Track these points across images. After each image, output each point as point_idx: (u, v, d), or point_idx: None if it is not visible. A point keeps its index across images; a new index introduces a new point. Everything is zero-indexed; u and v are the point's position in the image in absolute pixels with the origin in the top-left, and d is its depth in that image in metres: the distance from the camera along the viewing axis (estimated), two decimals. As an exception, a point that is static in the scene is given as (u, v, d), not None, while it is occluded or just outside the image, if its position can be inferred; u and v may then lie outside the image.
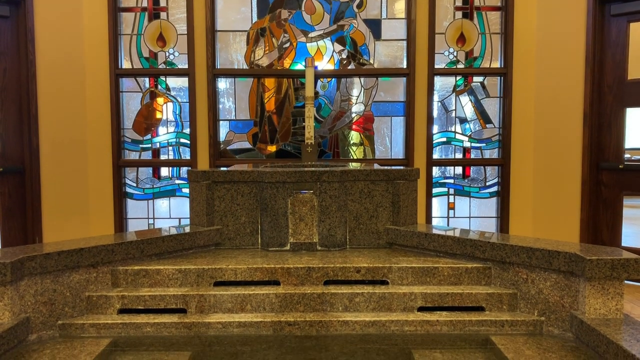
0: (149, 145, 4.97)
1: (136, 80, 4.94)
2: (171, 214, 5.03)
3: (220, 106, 4.97)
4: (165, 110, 4.97)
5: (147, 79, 4.95)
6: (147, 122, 4.96)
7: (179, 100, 4.95)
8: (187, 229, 3.20)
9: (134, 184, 4.99)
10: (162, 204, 5.04)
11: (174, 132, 4.96)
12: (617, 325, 2.25)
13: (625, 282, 2.41)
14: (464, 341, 2.55)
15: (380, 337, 2.59)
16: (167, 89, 4.94)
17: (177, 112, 4.96)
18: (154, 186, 5.00)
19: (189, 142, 4.92)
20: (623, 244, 4.65)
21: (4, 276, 2.31)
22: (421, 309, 2.70)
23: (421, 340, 2.57)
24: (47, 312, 2.53)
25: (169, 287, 2.79)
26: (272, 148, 5.01)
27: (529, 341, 2.43)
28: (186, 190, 4.96)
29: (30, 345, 2.40)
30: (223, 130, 4.98)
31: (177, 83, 4.96)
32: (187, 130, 4.93)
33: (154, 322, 2.60)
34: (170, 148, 4.98)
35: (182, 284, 2.80)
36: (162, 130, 4.99)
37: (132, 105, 4.96)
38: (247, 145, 5.00)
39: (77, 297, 2.65)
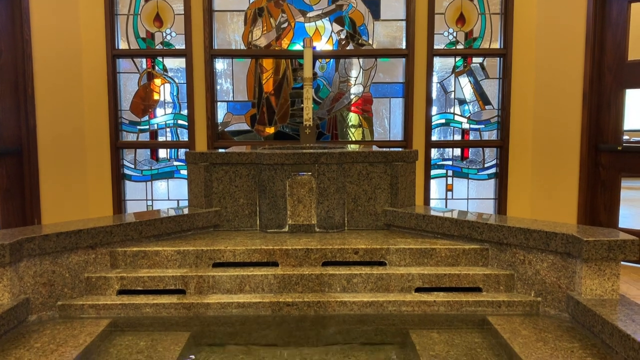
0: (147, 127, 4.95)
1: (133, 61, 4.90)
2: (170, 195, 5.03)
3: (218, 87, 4.94)
4: (163, 91, 4.94)
5: (144, 60, 4.91)
6: (145, 103, 4.94)
7: (177, 81, 4.91)
8: (186, 211, 3.20)
9: (132, 166, 4.98)
10: (160, 186, 5.04)
11: (172, 113, 4.94)
12: (612, 305, 2.27)
13: (622, 263, 2.42)
14: (461, 321, 2.57)
15: (378, 318, 2.61)
16: (165, 70, 4.91)
17: (174, 94, 4.93)
18: (152, 168, 4.99)
19: (186, 123, 4.90)
20: (620, 226, 4.67)
21: (3, 257, 2.31)
22: (419, 290, 2.72)
23: (418, 320, 2.59)
24: (46, 293, 2.54)
25: (168, 268, 2.80)
26: (270, 130, 4.99)
27: (525, 321, 2.45)
28: (184, 172, 4.96)
29: (30, 325, 2.42)
30: (221, 112, 4.96)
31: (175, 64, 4.92)
32: (184, 112, 4.91)
33: (153, 302, 2.62)
34: (168, 129, 4.96)
35: (181, 265, 2.82)
36: (159, 111, 4.96)
37: (129, 86, 4.93)
38: (245, 127, 4.99)
39: (76, 278, 2.66)
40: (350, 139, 5.02)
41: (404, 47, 4.88)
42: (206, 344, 2.49)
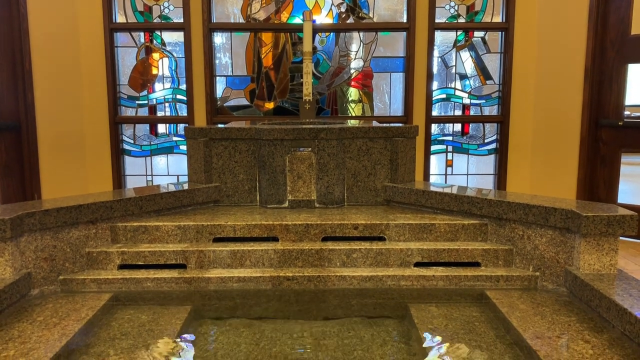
0: (145, 102, 4.92)
1: (131, 35, 4.84)
2: (169, 170, 5.02)
3: (217, 62, 4.89)
4: (161, 65, 4.89)
5: (142, 34, 4.85)
6: (143, 78, 4.89)
7: (175, 55, 4.87)
8: (186, 186, 3.20)
9: (131, 141, 4.96)
10: (160, 161, 5.03)
11: (170, 88, 4.90)
12: (610, 280, 2.29)
13: (620, 238, 2.43)
14: (460, 295, 2.60)
15: (377, 292, 2.63)
16: (163, 44, 4.85)
17: (173, 68, 4.88)
18: (152, 143, 4.98)
19: (185, 98, 4.86)
20: (619, 201, 4.68)
21: (4, 232, 2.32)
22: (417, 265, 2.74)
23: (417, 294, 2.61)
24: (48, 267, 2.56)
25: (169, 243, 2.81)
26: (269, 105, 4.96)
27: (523, 296, 2.47)
28: (184, 147, 4.94)
29: (32, 300, 2.44)
30: (220, 87, 4.92)
31: (173, 38, 4.86)
32: (183, 87, 4.87)
33: (154, 277, 2.64)
34: (167, 104, 4.93)
35: (182, 240, 2.83)
36: (158, 86, 4.92)
37: (127, 60, 4.88)
38: (244, 102, 4.95)
39: (77, 253, 2.67)
40: (350, 115, 4.99)
41: (404, 20, 4.82)
42: (207, 317, 2.52)
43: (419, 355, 2.12)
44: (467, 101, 4.98)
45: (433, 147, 5.00)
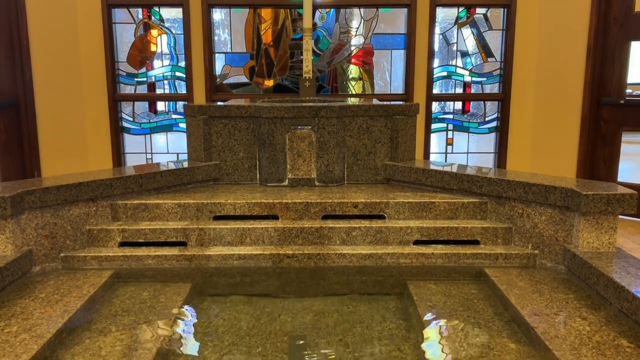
0: (144, 79, 4.88)
1: (129, 11, 4.78)
2: (169, 149, 5.01)
3: (216, 38, 4.84)
4: (160, 42, 4.84)
5: (140, 10, 4.78)
6: (142, 55, 4.85)
7: (174, 32, 4.81)
8: (186, 164, 3.20)
9: (131, 119, 4.94)
10: (159, 139, 5.01)
11: (169, 65, 4.86)
12: (608, 258, 2.30)
13: (619, 216, 2.44)
14: (458, 273, 2.61)
15: (377, 269, 2.65)
16: (161, 20, 4.80)
17: (171, 45, 4.83)
18: (151, 121, 4.96)
19: (184, 75, 4.83)
20: (619, 180, 4.68)
21: (4, 210, 2.32)
22: (417, 243, 2.75)
23: (416, 272, 2.63)
24: (49, 245, 2.57)
25: (169, 221, 2.82)
26: (269, 82, 4.93)
27: (522, 273, 2.49)
28: (183, 125, 4.92)
29: (34, 276, 2.46)
30: (219, 64, 4.88)
31: (171, 14, 4.80)
32: (182, 64, 4.83)
33: (155, 254, 2.65)
34: (166, 82, 4.90)
35: (182, 218, 2.84)
36: (157, 63, 4.88)
37: (125, 37, 4.83)
38: (243, 79, 4.92)
39: (77, 231, 2.68)
40: (350, 92, 4.96)
41: (406, -3, 4.75)
42: (208, 294, 2.54)
43: (417, 331, 2.15)
44: (468, 79, 4.94)
45: (433, 126, 4.98)
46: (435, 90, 4.91)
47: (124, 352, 1.87)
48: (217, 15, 4.82)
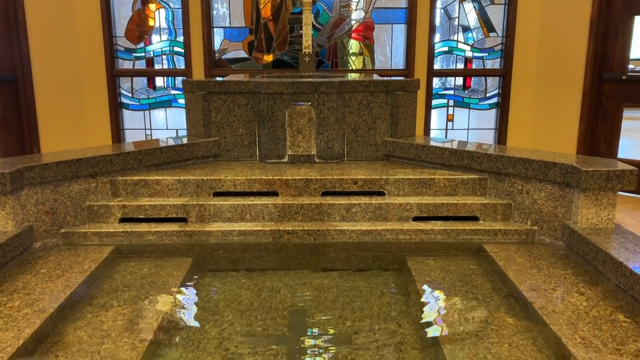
0: (143, 54, 4.84)
1: (126, -15, 4.71)
2: (168, 125, 4.99)
3: (214, 12, 4.77)
4: (158, 16, 4.78)
5: (137, -17, 4.72)
6: (140, 29, 4.79)
7: (172, 6, 4.75)
8: (185, 140, 3.19)
9: (129, 94, 4.91)
10: (158, 115, 4.99)
11: (168, 40, 4.81)
12: (607, 234, 2.31)
13: (619, 193, 2.44)
14: (457, 249, 2.63)
15: (376, 245, 2.66)
16: (159, -6, 4.73)
17: (169, 19, 4.77)
18: (150, 96, 4.93)
19: (183, 50, 4.78)
20: (619, 156, 4.68)
21: (4, 186, 2.33)
22: (416, 219, 2.76)
23: (415, 248, 2.64)
24: (49, 221, 2.58)
25: (169, 197, 2.83)
26: (268, 58, 4.88)
27: (520, 249, 2.50)
28: (182, 101, 4.89)
29: (35, 252, 2.47)
30: (218, 39, 4.82)
31: (169, -13, 4.73)
32: (180, 39, 4.77)
33: (155, 230, 2.66)
34: (164, 57, 4.85)
35: (182, 194, 2.84)
36: (155, 38, 4.83)
37: (123, 11, 4.76)
38: (242, 54, 4.87)
39: (78, 207, 2.69)
40: (350, 68, 4.92)
41: (407, -30, 4.68)
42: (209, 269, 2.56)
43: (416, 305, 2.17)
44: (469, 54, 4.89)
45: (434, 102, 4.95)
46: (436, 66, 4.87)
47: (125, 327, 1.89)
48: (216, -12, 4.75)
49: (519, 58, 4.74)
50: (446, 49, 4.88)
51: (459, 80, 4.97)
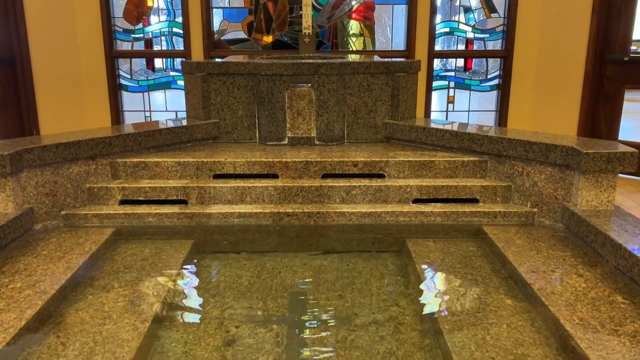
0: (141, 35, 4.79)
1: (123, -36, 4.65)
2: (167, 106, 4.97)
3: (214, -7, 4.72)
4: (156, -3, 4.73)
5: (134, -37, 4.65)
6: (138, 10, 4.74)
7: (170, -14, 4.69)
8: (184, 122, 3.18)
9: (128, 76, 4.88)
10: (157, 97, 4.96)
11: (166, 21, 4.76)
12: (607, 216, 2.32)
13: (619, 175, 2.44)
14: (457, 231, 2.64)
15: (376, 227, 2.67)
16: (157, -27, 4.67)
17: (168, 0, 4.72)
18: (149, 78, 4.89)
19: (181, 31, 4.73)
20: (620, 138, 4.67)
21: (4, 168, 2.32)
22: (416, 201, 2.76)
23: (415, 230, 2.65)
24: (49, 202, 2.58)
25: (169, 179, 2.82)
26: (268, 38, 4.84)
27: (520, 231, 2.51)
28: (181, 83, 4.86)
29: (36, 234, 2.48)
30: (217, 19, 4.78)
31: (167, -33, 4.67)
32: (179, 19, 4.73)
33: (156, 212, 2.67)
34: (163, 38, 4.81)
35: (182, 177, 2.84)
36: (153, 19, 4.78)
37: (120, -9, 4.71)
38: (242, 35, 4.83)
39: (78, 189, 2.69)
40: (351, 49, 4.88)
41: (408, -51, 4.62)
42: (209, 251, 2.57)
43: (415, 287, 2.18)
44: (470, 35, 4.85)
45: (435, 83, 4.92)
46: (437, 47, 4.83)
47: (126, 308, 1.91)
48: (214, -32, 4.69)
49: (521, 39, 4.70)
50: (447, 30, 4.83)
51: (460, 62, 4.93)
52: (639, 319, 1.71)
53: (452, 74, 4.94)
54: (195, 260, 2.43)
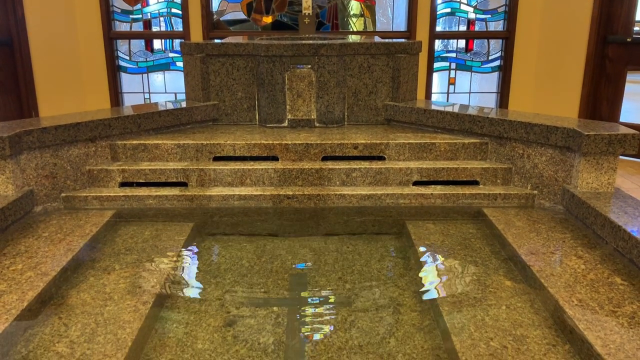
0: (140, 16, 4.75)
1: (120, -57, 4.59)
2: (167, 88, 4.94)
3: (212, -27, 4.67)
4: (154, -23, 4.68)
5: (132, -58, 4.59)
6: (136, -10, 4.69)
7: (168, -35, 4.64)
8: (184, 104, 3.16)
9: (127, 57, 4.84)
10: (156, 78, 4.94)
11: (165, 1, 4.71)
12: (607, 198, 2.32)
13: (619, 157, 2.43)
14: (457, 213, 2.64)
15: (376, 210, 2.67)
16: (155, -47, 4.61)
17: (166, -20, 4.67)
18: (148, 59, 4.86)
19: (180, 12, 4.69)
20: (621, 120, 4.65)
21: (3, 150, 2.32)
22: (416, 183, 2.76)
23: (415, 212, 2.65)
24: (49, 185, 2.58)
25: (169, 162, 2.82)
26: (267, 19, 4.79)
27: (520, 213, 2.51)
28: (180, 64, 4.83)
29: (36, 216, 2.48)
30: (216, 0, 4.72)
31: (165, -54, 4.61)
32: (178, 0, 4.68)
33: (156, 195, 2.67)
34: (162, 19, 4.77)
35: (182, 159, 2.83)
36: (152, -1, 4.73)
37: (118, -29, 4.66)
38: (241, 15, 4.78)
39: (78, 171, 2.68)
40: (351, 30, 4.84)
41: None
42: (209, 233, 2.58)
43: (415, 269, 2.19)
44: (472, 16, 4.80)
45: (436, 65, 4.89)
46: (439, 28, 4.79)
47: (128, 289, 1.92)
48: (213, -53, 4.63)
49: (523, 20, 4.66)
50: (449, 10, 4.79)
51: (461, 43, 4.89)
52: (637, 300, 1.72)
53: (454, 55, 4.91)
54: (196, 243, 2.43)
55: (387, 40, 3.30)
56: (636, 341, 1.50)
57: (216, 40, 3.48)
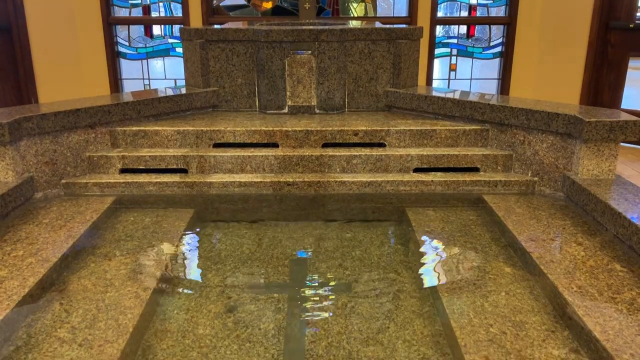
0: (139, 2, 4.71)
1: None
2: (166, 74, 4.92)
3: (212, -43, 4.62)
4: (153, -39, 4.63)
5: None
6: (135, -25, 4.65)
7: (167, -50, 4.59)
8: (184, 90, 3.15)
9: (126, 43, 4.81)
10: (156, 64, 4.91)
11: (164, -14, 4.68)
12: (607, 185, 2.31)
13: (620, 144, 2.43)
14: (457, 200, 2.64)
15: (376, 196, 2.67)
16: (153, -63, 4.56)
17: (165, -36, 4.63)
18: (147, 45, 4.83)
19: (180, -3, 4.65)
20: (623, 106, 4.63)
21: (3, 136, 2.31)
22: (417, 170, 2.76)
23: (415, 199, 2.65)
24: (49, 171, 2.58)
25: (169, 148, 2.81)
26: (267, 5, 4.75)
27: (520, 200, 2.51)
28: (180, 50, 4.80)
29: (37, 202, 2.48)
30: (216, -15, 4.69)
31: None
32: (177, -15, 4.64)
33: (156, 181, 2.66)
34: (161, 4, 4.73)
35: (182, 145, 2.83)
36: (151, -16, 4.69)
37: (116, -44, 4.61)
38: (241, 1, 4.74)
39: (77, 157, 2.68)
40: (352, 15, 4.80)
41: None
42: (210, 220, 2.58)
43: (415, 255, 2.20)
44: (473, 1, 4.76)
45: (437, 51, 4.85)
46: (440, 14, 4.75)
47: (129, 276, 1.92)
48: None
49: (525, 5, 4.62)
50: (450, -5, 4.75)
51: (463, 29, 4.86)
52: (636, 286, 1.73)
53: (455, 41, 4.88)
54: (196, 229, 2.44)
55: (388, 26, 3.28)
56: (635, 327, 1.51)
57: (216, 26, 3.46)
